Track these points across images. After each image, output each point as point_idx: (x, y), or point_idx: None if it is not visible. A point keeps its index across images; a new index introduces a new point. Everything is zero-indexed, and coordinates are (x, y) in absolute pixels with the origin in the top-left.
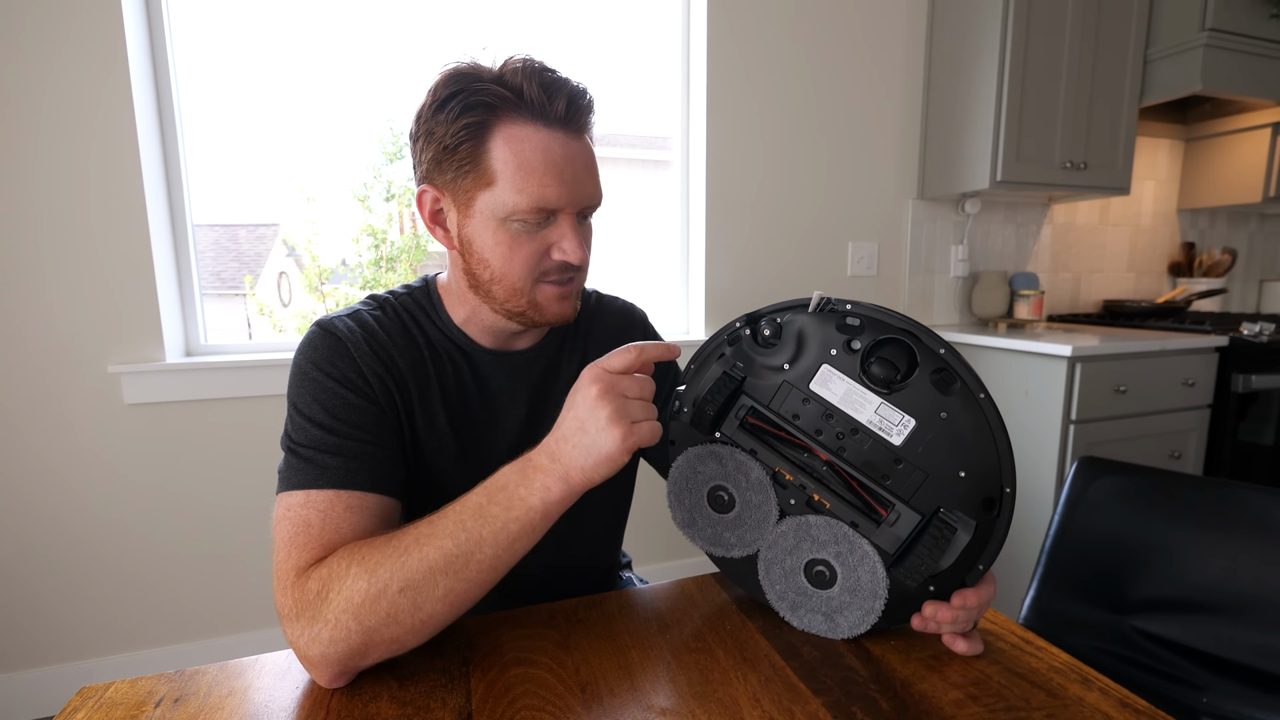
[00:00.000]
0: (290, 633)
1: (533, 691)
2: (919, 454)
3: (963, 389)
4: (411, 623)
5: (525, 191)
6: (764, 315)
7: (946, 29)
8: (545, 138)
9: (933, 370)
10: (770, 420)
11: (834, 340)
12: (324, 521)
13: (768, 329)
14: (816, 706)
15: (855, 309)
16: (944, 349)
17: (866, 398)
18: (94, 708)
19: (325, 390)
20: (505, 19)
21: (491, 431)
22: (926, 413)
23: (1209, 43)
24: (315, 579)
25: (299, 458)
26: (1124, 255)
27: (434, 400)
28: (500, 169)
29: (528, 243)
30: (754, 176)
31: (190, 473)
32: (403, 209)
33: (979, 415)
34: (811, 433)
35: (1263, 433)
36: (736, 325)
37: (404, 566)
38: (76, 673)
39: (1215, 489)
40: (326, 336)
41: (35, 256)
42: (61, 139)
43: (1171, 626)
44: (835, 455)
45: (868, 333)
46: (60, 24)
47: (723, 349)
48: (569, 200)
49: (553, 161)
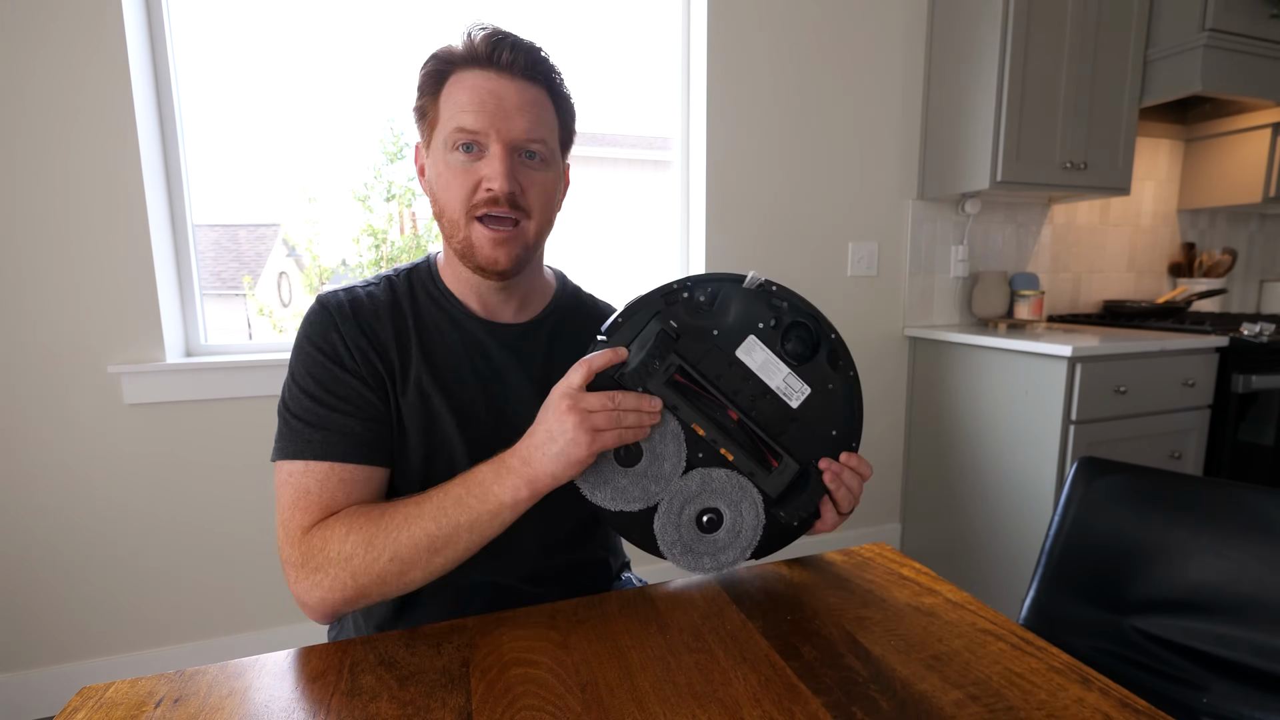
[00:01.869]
0: (292, 578)
1: (533, 691)
2: (808, 416)
3: (844, 366)
4: (398, 585)
5: (452, 119)
6: (701, 281)
7: (946, 29)
8: (478, 76)
9: (829, 351)
10: (695, 380)
11: (762, 315)
12: (321, 489)
13: (702, 296)
14: (816, 706)
15: (780, 292)
16: (834, 335)
17: (779, 367)
18: (94, 708)
19: (316, 364)
20: (505, 19)
21: (490, 395)
22: (819, 383)
23: (1209, 43)
24: (318, 537)
25: (292, 426)
26: (1124, 255)
27: (417, 365)
28: (443, 107)
29: (462, 174)
30: (754, 176)
31: (190, 473)
32: (403, 209)
33: (851, 388)
34: (730, 393)
35: (1263, 433)
36: (674, 287)
37: (394, 541)
38: (76, 673)
39: (1215, 489)
40: (320, 312)
41: (35, 256)
42: (62, 139)
43: (1171, 626)
44: (745, 414)
45: (788, 314)
46: (60, 24)
47: (658, 306)
48: (487, 126)
49: (478, 93)
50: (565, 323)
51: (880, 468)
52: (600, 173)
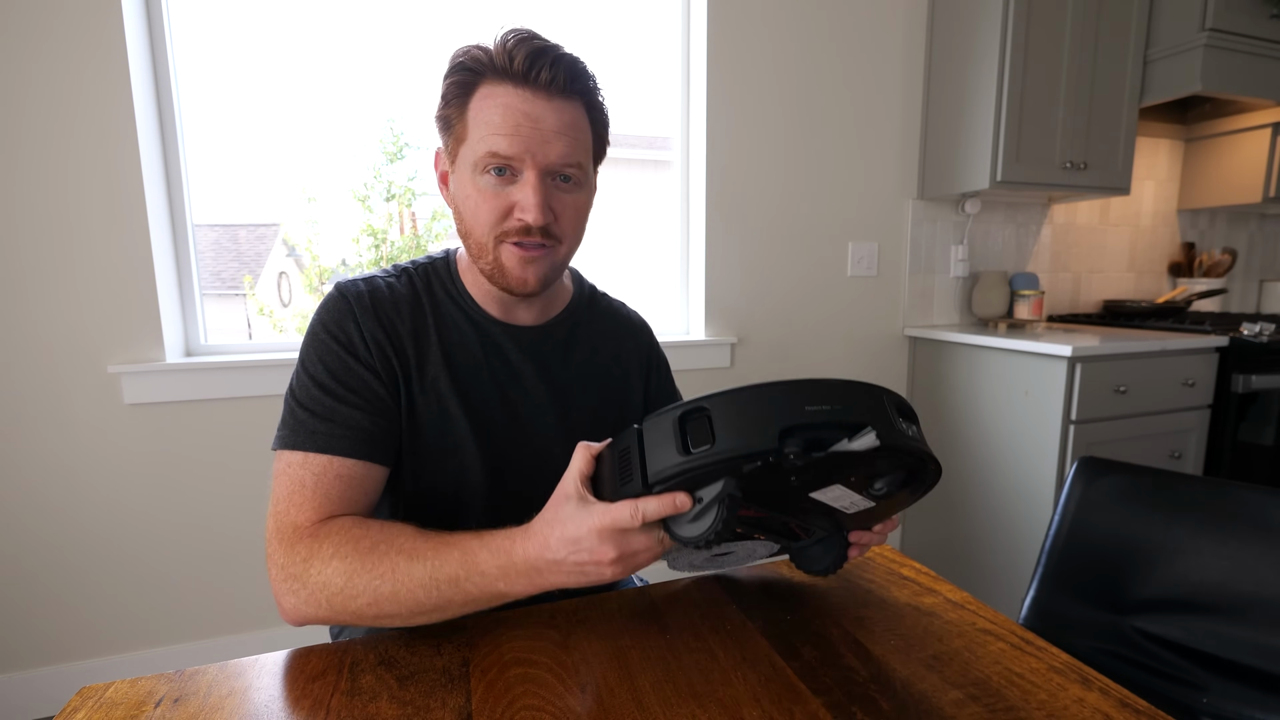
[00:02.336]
0: (273, 575)
1: (533, 691)
2: (859, 516)
3: (925, 490)
4: (373, 622)
5: (483, 141)
6: (798, 431)
7: (946, 29)
8: (512, 94)
9: (919, 482)
10: (755, 508)
11: (857, 468)
12: (316, 484)
13: (793, 453)
14: (816, 706)
15: (893, 445)
16: (937, 469)
17: (855, 499)
18: (94, 708)
19: (330, 352)
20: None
21: (506, 399)
22: (885, 502)
23: (1209, 43)
24: (305, 548)
25: (297, 416)
26: (1124, 255)
27: (435, 365)
28: (472, 123)
29: (492, 198)
30: (754, 177)
31: (190, 473)
32: (403, 209)
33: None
34: (787, 511)
35: (1263, 433)
36: (760, 452)
37: (375, 588)
38: (76, 673)
39: (1215, 489)
40: (338, 300)
41: (35, 256)
42: (62, 139)
43: (1171, 626)
44: (799, 521)
45: (893, 465)
46: (60, 24)
47: (735, 469)
48: (522, 151)
49: (512, 115)
50: (582, 326)
51: None
52: (601, 173)
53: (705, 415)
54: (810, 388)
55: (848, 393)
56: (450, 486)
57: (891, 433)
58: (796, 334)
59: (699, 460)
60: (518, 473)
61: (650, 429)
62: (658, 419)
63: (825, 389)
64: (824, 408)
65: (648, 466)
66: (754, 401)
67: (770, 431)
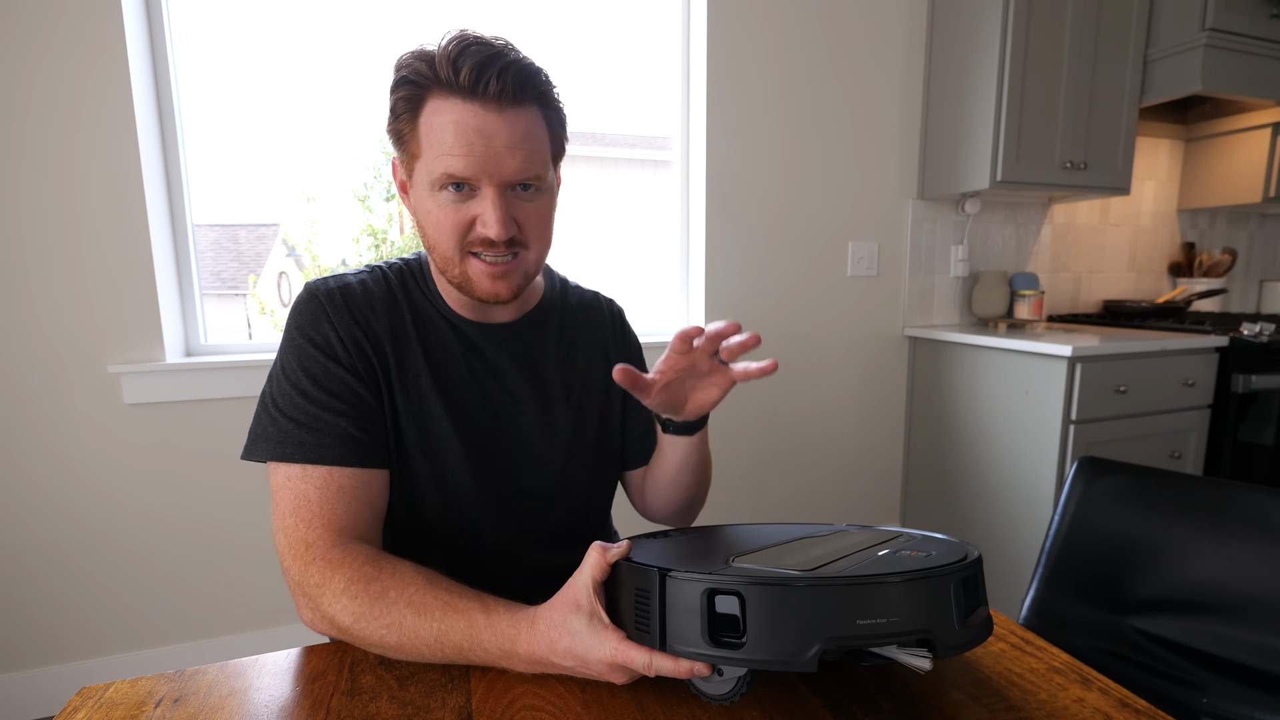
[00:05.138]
0: (289, 583)
1: (533, 691)
2: None
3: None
4: (379, 654)
5: (438, 160)
6: (849, 643)
7: (946, 29)
8: (461, 110)
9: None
10: None
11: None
12: (321, 498)
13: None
14: (816, 706)
15: (956, 652)
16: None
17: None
18: (94, 708)
19: (309, 357)
20: (505, 20)
21: (486, 395)
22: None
23: (1209, 43)
24: (319, 573)
25: (281, 426)
26: (1124, 255)
27: (415, 364)
28: (424, 140)
29: (453, 213)
30: (754, 176)
31: (190, 473)
32: (402, 209)
33: None
34: None
35: (1263, 433)
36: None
37: (381, 638)
38: (76, 673)
39: (1215, 489)
40: (309, 300)
41: (35, 256)
42: (62, 139)
43: (1171, 626)
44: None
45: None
46: (60, 24)
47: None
48: (477, 171)
49: (463, 133)
50: (556, 319)
51: (880, 468)
52: (600, 173)
53: (739, 600)
54: (867, 594)
55: (910, 595)
56: (436, 483)
57: (949, 645)
58: (796, 334)
59: (724, 657)
60: (502, 467)
61: (675, 588)
62: (685, 581)
63: (884, 596)
64: (879, 621)
65: (667, 630)
66: (798, 604)
67: (810, 647)
